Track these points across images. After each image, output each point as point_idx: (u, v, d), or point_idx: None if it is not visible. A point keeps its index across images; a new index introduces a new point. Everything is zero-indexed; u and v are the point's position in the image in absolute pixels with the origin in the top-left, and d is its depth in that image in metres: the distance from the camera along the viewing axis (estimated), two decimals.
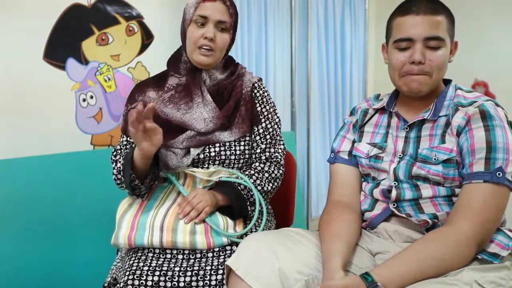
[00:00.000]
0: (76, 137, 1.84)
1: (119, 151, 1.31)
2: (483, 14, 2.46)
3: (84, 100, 1.85)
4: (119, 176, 1.25)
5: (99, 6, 1.84)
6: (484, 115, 1.03)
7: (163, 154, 1.30)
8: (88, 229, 1.73)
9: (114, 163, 1.28)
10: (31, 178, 1.65)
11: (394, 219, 1.14)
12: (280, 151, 1.38)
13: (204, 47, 1.27)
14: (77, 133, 1.84)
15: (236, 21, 1.32)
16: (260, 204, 1.27)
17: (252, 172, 1.32)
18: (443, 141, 1.08)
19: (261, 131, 1.36)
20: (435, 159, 1.07)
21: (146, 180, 1.22)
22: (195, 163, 1.30)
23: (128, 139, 1.33)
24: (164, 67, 1.41)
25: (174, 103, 1.31)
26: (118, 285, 1.13)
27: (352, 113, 1.30)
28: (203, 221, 1.21)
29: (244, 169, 1.34)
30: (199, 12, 1.26)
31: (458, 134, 1.06)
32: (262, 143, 1.36)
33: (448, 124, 1.09)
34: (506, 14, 2.38)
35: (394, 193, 1.11)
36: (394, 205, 1.12)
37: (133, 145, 1.22)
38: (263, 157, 1.35)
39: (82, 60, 1.83)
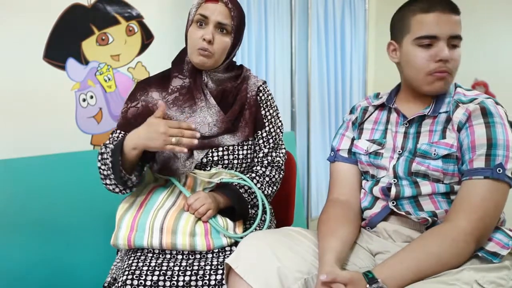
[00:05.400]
0: (76, 137, 1.83)
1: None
2: (483, 14, 2.47)
3: (84, 100, 1.85)
4: (108, 172, 1.20)
5: (99, 6, 1.84)
6: (485, 112, 1.04)
7: (165, 158, 1.29)
8: (88, 229, 1.73)
9: (101, 158, 1.23)
10: (31, 178, 1.65)
11: (393, 217, 1.14)
12: (281, 155, 1.39)
13: (202, 48, 1.25)
14: (77, 133, 1.84)
15: (240, 24, 1.29)
16: (263, 204, 1.27)
17: (253, 175, 1.32)
18: (443, 136, 1.08)
19: (264, 135, 1.36)
20: (434, 154, 1.07)
21: (135, 172, 1.21)
22: (197, 166, 1.29)
23: (120, 136, 1.30)
24: (164, 67, 1.41)
25: (178, 106, 1.30)
26: (116, 284, 1.12)
27: (351, 112, 1.30)
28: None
29: (245, 172, 1.34)
30: (200, 11, 1.25)
31: (459, 130, 1.06)
32: (264, 147, 1.36)
33: (448, 120, 1.09)
34: (506, 14, 2.39)
35: (393, 190, 1.11)
36: (393, 203, 1.12)
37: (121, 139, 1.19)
38: (265, 162, 1.35)
39: (82, 60, 1.83)
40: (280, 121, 1.41)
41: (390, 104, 1.19)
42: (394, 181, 1.12)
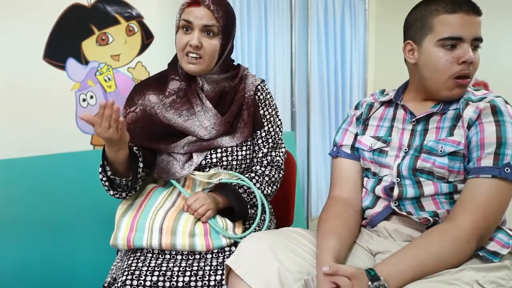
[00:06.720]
0: (76, 137, 1.83)
1: None
2: (483, 14, 2.46)
3: (84, 100, 1.85)
4: (108, 183, 1.22)
5: (99, 6, 1.84)
6: (495, 110, 1.03)
7: (164, 161, 1.29)
8: (88, 229, 1.73)
9: (101, 170, 1.23)
10: (31, 178, 1.65)
11: (394, 217, 1.14)
12: (281, 154, 1.38)
13: (190, 54, 1.24)
14: (77, 133, 1.84)
15: (227, 24, 1.26)
16: (263, 205, 1.26)
17: (253, 175, 1.31)
18: (451, 133, 1.07)
19: (263, 134, 1.35)
20: (441, 151, 1.06)
21: (130, 171, 1.20)
22: (196, 168, 1.29)
23: None
24: (164, 67, 1.41)
25: (175, 109, 1.29)
26: (116, 284, 1.12)
27: (356, 107, 1.29)
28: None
29: (245, 173, 1.34)
30: (184, 17, 1.24)
31: (469, 127, 1.05)
32: (264, 147, 1.35)
33: (458, 117, 1.08)
34: (506, 14, 2.39)
35: (396, 191, 1.10)
36: (395, 203, 1.12)
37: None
38: (265, 162, 1.35)
39: (82, 60, 1.83)
40: (280, 120, 1.41)
41: (397, 100, 1.18)
42: (397, 180, 1.11)
